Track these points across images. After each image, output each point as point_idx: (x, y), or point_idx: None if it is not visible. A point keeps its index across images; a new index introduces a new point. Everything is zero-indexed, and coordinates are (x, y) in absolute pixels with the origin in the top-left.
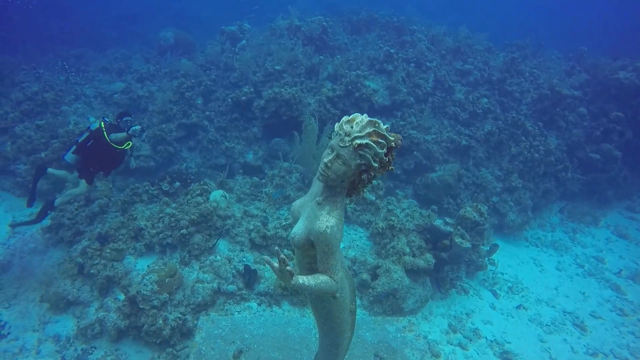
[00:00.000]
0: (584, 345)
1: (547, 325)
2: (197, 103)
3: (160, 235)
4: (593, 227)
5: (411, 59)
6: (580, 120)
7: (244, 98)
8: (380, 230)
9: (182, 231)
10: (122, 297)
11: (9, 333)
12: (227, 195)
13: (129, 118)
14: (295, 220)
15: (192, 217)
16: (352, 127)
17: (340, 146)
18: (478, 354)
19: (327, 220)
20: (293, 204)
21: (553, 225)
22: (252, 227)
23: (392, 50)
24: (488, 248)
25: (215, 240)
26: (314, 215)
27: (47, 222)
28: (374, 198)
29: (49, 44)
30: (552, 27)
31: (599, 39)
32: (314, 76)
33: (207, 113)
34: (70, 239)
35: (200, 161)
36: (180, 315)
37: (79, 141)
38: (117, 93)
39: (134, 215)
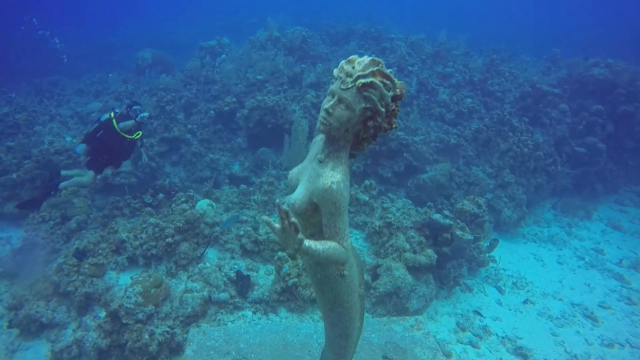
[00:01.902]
0: (598, 337)
1: (557, 318)
2: (178, 117)
3: (144, 246)
4: (587, 221)
5: (393, 63)
6: (563, 117)
7: (226, 108)
8: (377, 229)
9: (167, 240)
10: (102, 314)
11: None
12: (213, 204)
13: (138, 107)
14: (293, 190)
15: (178, 224)
16: (353, 67)
17: (342, 89)
18: (491, 352)
19: (332, 176)
20: (290, 172)
21: (548, 221)
22: (242, 232)
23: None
24: (488, 244)
25: (204, 249)
26: (315, 175)
27: (18, 234)
28: (367, 198)
29: (22, 74)
30: (523, 35)
31: (567, 43)
32: (296, 85)
33: (190, 126)
34: (45, 258)
35: (184, 175)
36: (168, 329)
37: (89, 132)
38: (95, 112)
39: (115, 229)
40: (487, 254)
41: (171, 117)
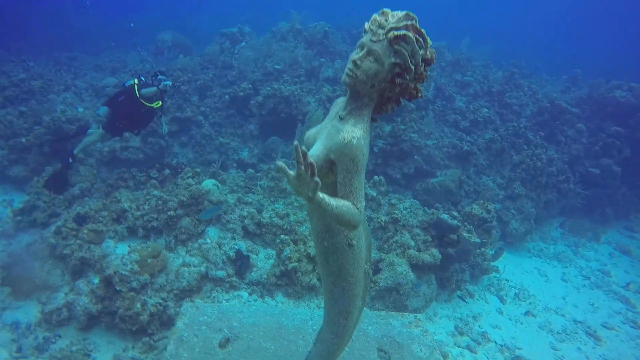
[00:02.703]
0: (600, 356)
1: (558, 333)
2: (192, 99)
3: (145, 217)
4: (595, 243)
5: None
6: (579, 136)
7: (241, 94)
8: (382, 224)
9: (169, 213)
10: (96, 280)
11: None
12: (219, 185)
13: (163, 77)
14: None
15: (182, 198)
16: (386, 19)
17: (372, 41)
18: (488, 359)
19: (353, 131)
20: (307, 132)
21: (555, 239)
22: (245, 213)
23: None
24: (494, 252)
25: (210, 216)
26: (335, 131)
27: (21, 198)
28: (375, 194)
29: (44, 46)
30: (545, 53)
31: (590, 65)
32: (313, 78)
33: (202, 109)
34: (44, 220)
35: (192, 157)
36: (161, 301)
37: (112, 95)
38: (110, 87)
39: (118, 198)
40: (491, 263)
41: (185, 97)
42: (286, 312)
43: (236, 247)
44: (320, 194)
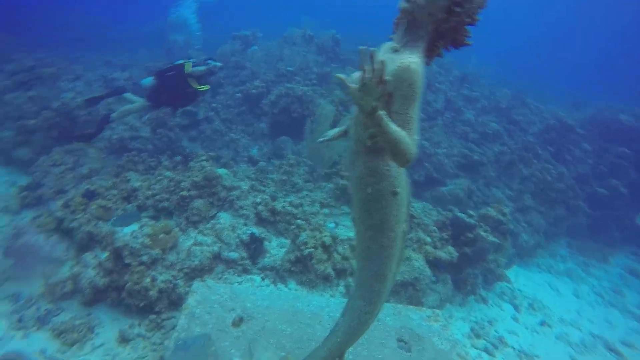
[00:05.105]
0: None
1: (576, 345)
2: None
3: (157, 197)
4: (604, 264)
5: None
6: (585, 156)
7: (254, 91)
8: None
9: (182, 193)
10: (104, 255)
11: None
12: (230, 174)
13: (212, 61)
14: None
15: (196, 179)
16: None
17: None
18: None
19: (410, 57)
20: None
21: (563, 257)
22: (259, 200)
23: None
24: (506, 260)
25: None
26: (390, 62)
27: (24, 181)
28: None
29: (59, 43)
30: (551, 77)
31: (594, 89)
32: (324, 83)
33: (214, 105)
34: (51, 197)
35: (202, 152)
36: (170, 279)
37: (161, 69)
38: (121, 80)
39: (128, 178)
40: (504, 271)
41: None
42: (301, 297)
43: (249, 231)
44: (382, 113)
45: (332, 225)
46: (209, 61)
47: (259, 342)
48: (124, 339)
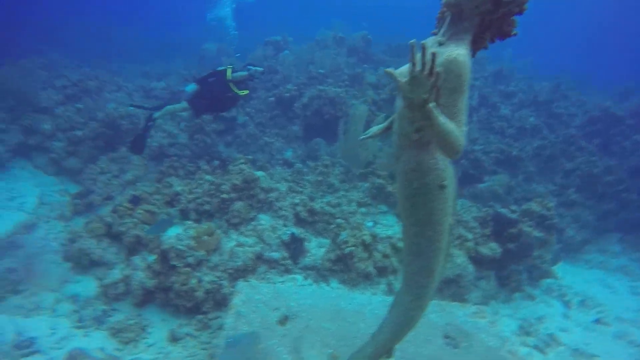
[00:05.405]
0: None
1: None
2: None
3: (198, 200)
4: None
5: None
6: (636, 149)
7: (287, 95)
8: None
9: (222, 195)
10: (151, 258)
11: (26, 289)
12: (267, 177)
13: (253, 66)
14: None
15: (235, 182)
16: None
17: None
18: None
19: (457, 50)
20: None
21: (616, 253)
22: (298, 201)
23: None
24: (552, 256)
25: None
26: (436, 54)
27: (74, 189)
28: None
29: (100, 56)
30: (593, 67)
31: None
32: (356, 84)
33: (248, 109)
34: (99, 203)
35: (234, 157)
36: (215, 279)
37: (203, 75)
38: (158, 89)
39: (170, 183)
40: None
41: None
42: (343, 296)
43: (289, 232)
44: (432, 104)
45: (371, 224)
46: (249, 67)
47: (305, 340)
48: (174, 338)
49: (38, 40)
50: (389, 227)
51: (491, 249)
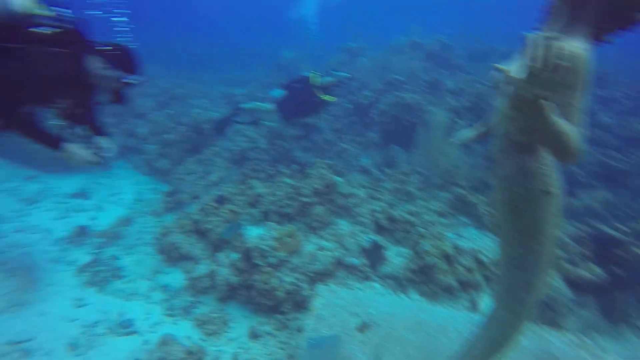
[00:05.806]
0: None
1: None
2: None
3: (279, 203)
4: None
5: None
6: None
7: (365, 101)
8: None
9: (303, 199)
10: (235, 255)
11: (126, 276)
12: (345, 182)
13: (337, 71)
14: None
15: (316, 186)
16: None
17: None
18: None
19: (577, 45)
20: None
21: None
22: (377, 207)
23: None
24: None
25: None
26: None
27: (165, 188)
28: None
29: (187, 66)
30: None
31: None
32: (434, 91)
33: (325, 116)
34: (187, 201)
35: (313, 162)
36: (295, 281)
37: (290, 81)
38: (238, 95)
39: (252, 185)
40: None
41: None
42: (424, 308)
43: (368, 238)
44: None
45: (453, 236)
46: (333, 71)
47: (386, 349)
48: (254, 335)
49: None
50: (471, 240)
51: (591, 270)
